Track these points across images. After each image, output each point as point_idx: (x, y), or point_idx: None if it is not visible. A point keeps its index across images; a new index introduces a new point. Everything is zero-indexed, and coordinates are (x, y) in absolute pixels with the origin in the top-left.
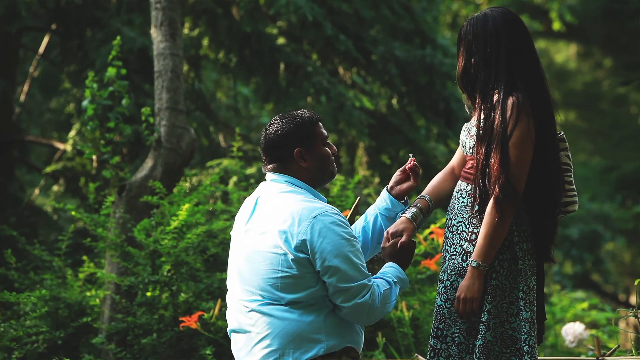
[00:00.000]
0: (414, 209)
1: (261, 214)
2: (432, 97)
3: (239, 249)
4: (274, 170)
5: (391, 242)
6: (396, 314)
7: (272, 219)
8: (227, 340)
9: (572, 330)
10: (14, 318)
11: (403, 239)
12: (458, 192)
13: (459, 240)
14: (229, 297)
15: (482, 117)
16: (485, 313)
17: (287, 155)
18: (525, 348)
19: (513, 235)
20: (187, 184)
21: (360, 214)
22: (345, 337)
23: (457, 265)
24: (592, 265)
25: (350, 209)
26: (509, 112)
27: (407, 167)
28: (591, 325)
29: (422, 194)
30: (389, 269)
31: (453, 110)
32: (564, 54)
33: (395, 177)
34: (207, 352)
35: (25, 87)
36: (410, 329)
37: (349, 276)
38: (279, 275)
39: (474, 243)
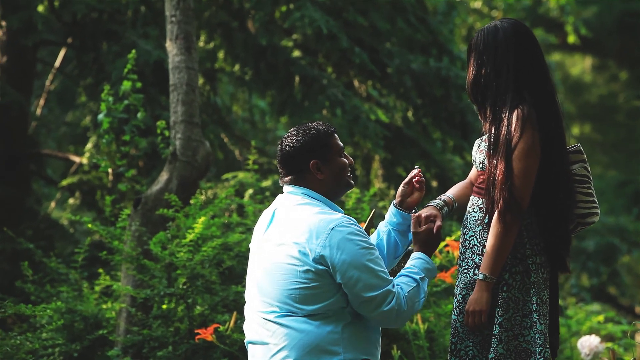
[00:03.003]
0: (439, 200)
1: (279, 226)
2: (448, 109)
3: (257, 260)
4: (291, 183)
5: (425, 227)
6: (411, 326)
7: (290, 232)
8: (243, 352)
9: (587, 343)
10: (30, 330)
11: (438, 223)
12: (470, 207)
13: (471, 254)
14: (246, 308)
15: (492, 131)
16: (496, 326)
17: (303, 168)
18: None
19: (525, 248)
20: (203, 197)
21: (376, 227)
22: (362, 350)
23: (469, 279)
24: (608, 278)
25: (365, 222)
26: (513, 125)
27: (413, 179)
28: (607, 338)
29: (446, 193)
30: (416, 261)
31: (469, 122)
32: (580, 66)
33: (401, 190)
34: None
35: (42, 101)
36: (426, 341)
37: (371, 285)
38: (297, 287)
39: (480, 253)
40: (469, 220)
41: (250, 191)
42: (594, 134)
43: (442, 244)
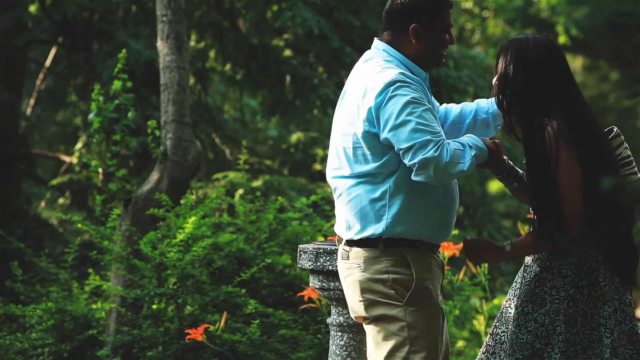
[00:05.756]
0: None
1: (349, 82)
2: None
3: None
4: (382, 39)
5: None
6: None
7: (353, 88)
8: (233, 353)
9: None
10: (19, 330)
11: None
12: None
13: (531, 263)
14: None
15: (527, 148)
16: (563, 342)
17: (402, 27)
18: None
19: (592, 261)
20: (193, 197)
21: None
22: (411, 225)
23: (529, 290)
24: None
25: None
26: (547, 143)
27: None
28: None
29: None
30: (466, 137)
31: None
32: (570, 67)
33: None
34: None
35: (32, 101)
36: None
37: (408, 136)
38: (351, 145)
39: (543, 266)
40: None
41: (240, 191)
42: None
43: None
